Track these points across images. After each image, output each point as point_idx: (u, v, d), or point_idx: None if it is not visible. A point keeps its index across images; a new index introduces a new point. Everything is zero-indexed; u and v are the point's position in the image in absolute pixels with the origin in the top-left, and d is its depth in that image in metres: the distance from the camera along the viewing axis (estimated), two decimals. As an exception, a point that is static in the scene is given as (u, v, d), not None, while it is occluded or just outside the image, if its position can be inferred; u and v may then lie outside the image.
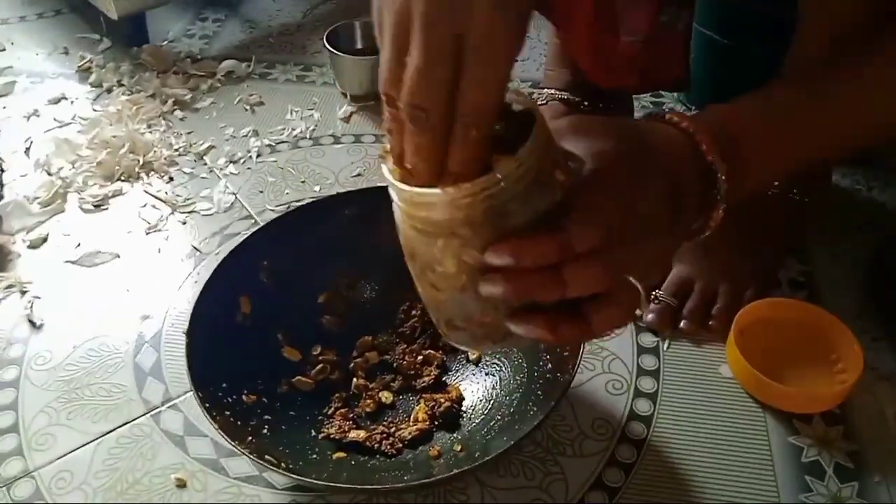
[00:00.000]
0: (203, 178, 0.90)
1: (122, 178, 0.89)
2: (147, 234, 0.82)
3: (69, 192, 0.87)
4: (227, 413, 0.57)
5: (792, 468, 0.60)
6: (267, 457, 0.53)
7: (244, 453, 0.52)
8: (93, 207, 0.85)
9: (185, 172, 0.90)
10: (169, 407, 0.65)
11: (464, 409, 0.64)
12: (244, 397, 0.60)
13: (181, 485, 0.60)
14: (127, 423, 0.64)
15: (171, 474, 0.60)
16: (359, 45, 1.03)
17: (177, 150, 0.93)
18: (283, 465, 0.54)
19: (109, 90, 1.03)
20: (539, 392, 0.60)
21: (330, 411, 0.63)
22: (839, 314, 0.70)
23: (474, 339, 0.44)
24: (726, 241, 0.72)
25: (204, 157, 0.92)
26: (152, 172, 0.90)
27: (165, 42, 1.14)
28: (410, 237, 0.41)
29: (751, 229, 0.73)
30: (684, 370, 0.68)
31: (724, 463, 0.61)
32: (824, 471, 0.60)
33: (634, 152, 0.42)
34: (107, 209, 0.86)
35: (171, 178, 0.89)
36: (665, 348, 0.69)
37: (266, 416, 0.60)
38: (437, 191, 0.37)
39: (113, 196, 0.87)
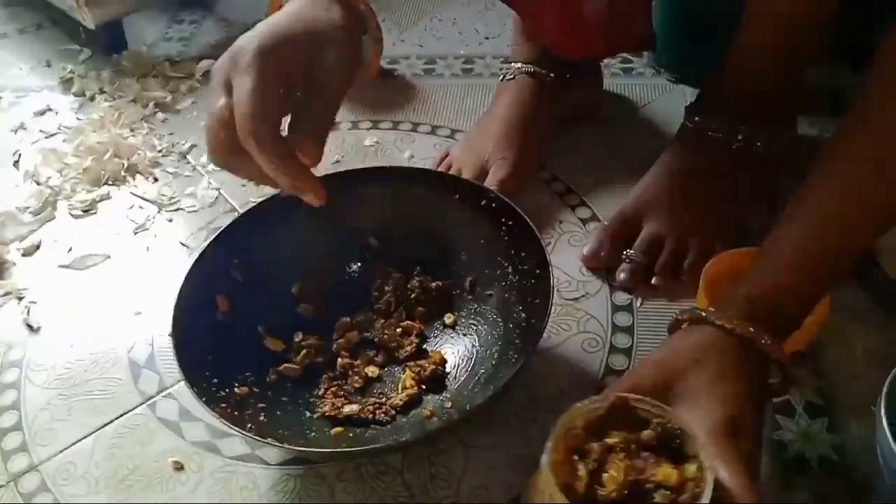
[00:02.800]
0: (187, 176, 0.92)
1: (109, 182, 0.92)
2: (135, 234, 0.85)
3: (58, 199, 0.90)
4: (224, 405, 0.59)
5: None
6: (270, 439, 0.56)
7: (249, 436, 0.55)
8: (82, 213, 0.88)
9: (168, 172, 0.93)
10: (164, 396, 0.68)
11: (448, 370, 0.66)
12: (236, 389, 0.62)
13: (178, 467, 0.62)
14: (124, 414, 0.67)
15: (168, 458, 0.63)
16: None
17: (160, 150, 0.96)
18: (286, 443, 0.56)
19: (92, 98, 1.06)
20: (517, 340, 0.63)
21: (320, 392, 0.66)
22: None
23: None
24: (695, 196, 0.74)
25: (187, 156, 0.95)
26: (137, 175, 0.93)
27: (144, 47, 1.16)
28: None
29: (719, 183, 0.75)
30: (658, 324, 0.70)
31: (698, 409, 0.63)
32: (794, 409, 0.62)
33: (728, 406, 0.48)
34: (95, 213, 0.88)
35: (155, 179, 0.92)
36: (638, 305, 0.71)
37: (260, 405, 0.62)
38: None
39: (101, 200, 0.90)
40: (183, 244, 0.83)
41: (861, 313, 0.69)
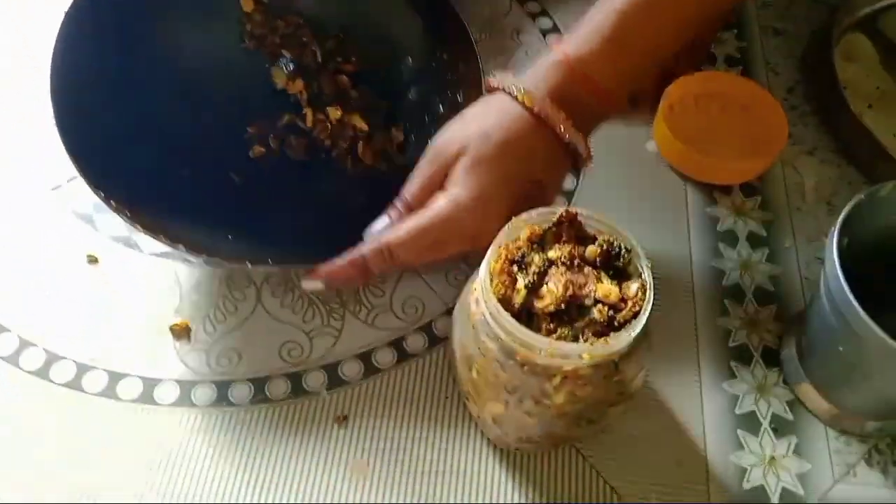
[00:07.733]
0: None
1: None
2: None
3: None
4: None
5: (707, 237, 0.61)
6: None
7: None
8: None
9: None
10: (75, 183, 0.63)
11: None
12: None
13: (93, 260, 0.59)
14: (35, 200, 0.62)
15: (83, 252, 0.59)
16: None
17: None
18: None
19: None
20: None
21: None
22: (771, 89, 0.69)
23: (540, 448, 0.50)
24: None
25: None
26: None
27: None
28: (514, 374, 0.42)
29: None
30: (610, 147, 0.66)
31: (641, 233, 0.61)
32: (737, 238, 0.61)
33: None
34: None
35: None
36: (593, 125, 0.68)
37: None
38: (581, 347, 0.40)
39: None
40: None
41: (817, 149, 0.67)
